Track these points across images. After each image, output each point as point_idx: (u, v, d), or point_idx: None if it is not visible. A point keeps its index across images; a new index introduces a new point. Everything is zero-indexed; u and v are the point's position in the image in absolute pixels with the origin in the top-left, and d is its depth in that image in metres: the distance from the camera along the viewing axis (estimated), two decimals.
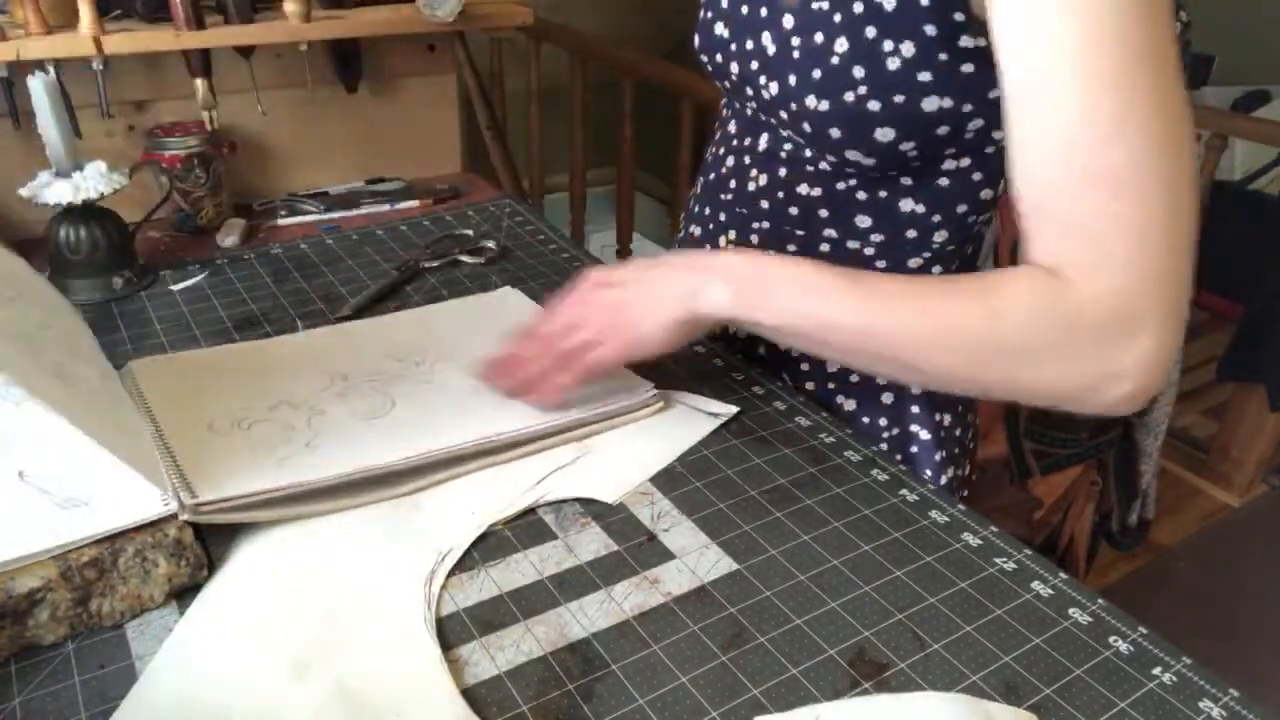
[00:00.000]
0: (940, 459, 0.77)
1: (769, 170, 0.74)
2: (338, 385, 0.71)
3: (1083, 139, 0.52)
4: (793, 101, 0.67)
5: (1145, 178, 0.52)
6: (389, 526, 0.59)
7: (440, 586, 0.55)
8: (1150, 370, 0.55)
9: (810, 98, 0.65)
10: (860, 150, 0.65)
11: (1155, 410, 0.96)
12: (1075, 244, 0.54)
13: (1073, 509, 0.90)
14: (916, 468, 0.77)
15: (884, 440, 0.77)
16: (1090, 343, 0.54)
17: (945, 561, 0.58)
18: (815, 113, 0.65)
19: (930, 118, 0.63)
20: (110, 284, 0.89)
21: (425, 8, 1.12)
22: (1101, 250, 0.53)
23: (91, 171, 0.89)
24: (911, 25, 0.61)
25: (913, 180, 0.69)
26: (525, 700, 0.48)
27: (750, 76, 0.71)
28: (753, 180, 0.75)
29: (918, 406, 0.76)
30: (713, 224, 0.80)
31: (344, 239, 1.03)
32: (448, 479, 0.63)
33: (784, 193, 0.73)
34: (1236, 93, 3.13)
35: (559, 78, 2.38)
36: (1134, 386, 0.55)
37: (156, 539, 0.53)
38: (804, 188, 0.72)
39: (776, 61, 0.68)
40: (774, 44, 0.68)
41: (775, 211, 0.74)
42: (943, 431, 0.77)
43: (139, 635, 0.51)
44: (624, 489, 0.63)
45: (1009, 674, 0.50)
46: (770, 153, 0.73)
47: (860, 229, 0.72)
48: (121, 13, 1.06)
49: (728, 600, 0.55)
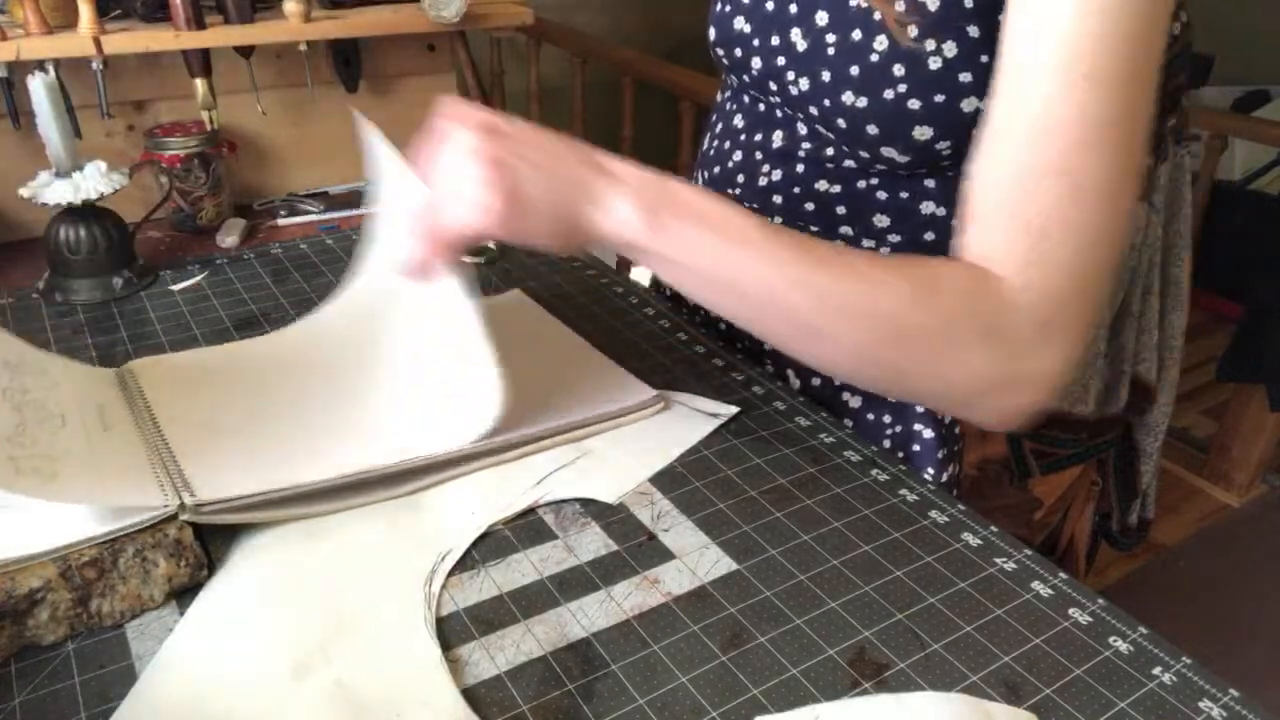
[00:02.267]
0: (942, 457, 0.77)
1: (784, 167, 0.74)
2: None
3: (1063, 133, 0.52)
4: (826, 98, 0.67)
5: (1105, 191, 0.52)
6: (389, 527, 0.59)
7: (440, 586, 0.55)
8: (1050, 383, 0.54)
9: (847, 94, 0.65)
10: (896, 148, 0.65)
11: (1155, 410, 0.96)
12: (1019, 238, 0.53)
13: (1073, 509, 0.90)
14: (918, 465, 0.77)
15: (887, 437, 0.77)
16: (1007, 341, 0.54)
17: (945, 561, 0.58)
18: (852, 109, 0.65)
19: (968, 118, 0.63)
20: (110, 284, 0.89)
21: (430, 8, 1.12)
22: (1042, 249, 0.53)
23: (91, 171, 0.89)
24: (954, 25, 0.61)
25: (935, 182, 0.69)
26: (525, 700, 0.48)
27: (775, 72, 0.71)
28: (764, 176, 0.75)
29: (921, 405, 0.76)
30: None
31: (344, 239, 1.03)
32: (447, 479, 0.63)
33: (800, 189, 0.73)
34: (1236, 93, 3.13)
35: (559, 78, 2.39)
36: (1031, 397, 0.55)
37: (156, 539, 0.53)
38: (822, 184, 0.72)
39: (808, 57, 0.68)
40: (805, 39, 0.68)
41: (790, 208, 0.74)
42: (944, 429, 0.77)
43: (139, 635, 0.51)
44: (624, 489, 0.63)
45: (1009, 674, 0.50)
46: (786, 150, 0.73)
47: (878, 229, 0.71)
48: (121, 13, 1.06)
49: (728, 600, 0.55)
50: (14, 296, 0.89)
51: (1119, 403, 0.92)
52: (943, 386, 0.57)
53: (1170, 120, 1.14)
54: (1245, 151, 2.89)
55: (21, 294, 0.90)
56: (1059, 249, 0.53)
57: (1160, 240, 1.19)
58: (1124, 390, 0.93)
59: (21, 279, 0.94)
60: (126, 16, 1.06)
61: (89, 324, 0.84)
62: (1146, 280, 1.17)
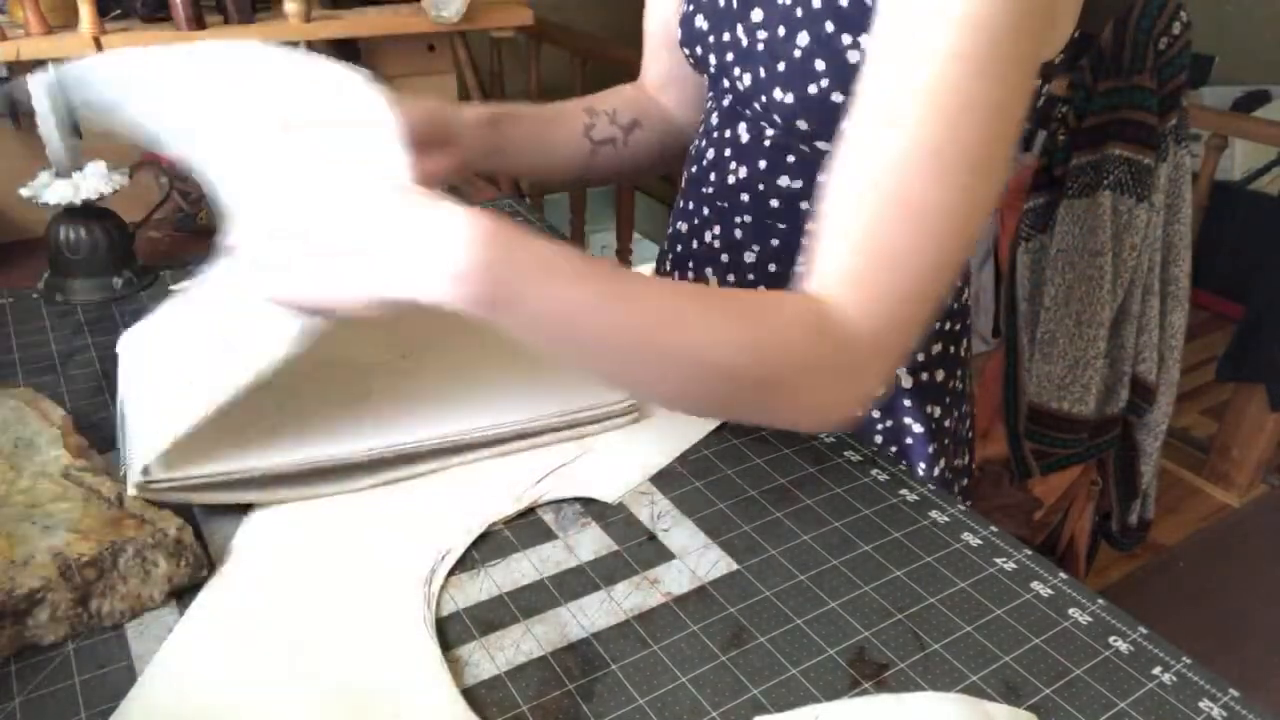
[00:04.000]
0: (933, 451, 0.77)
1: (748, 163, 0.74)
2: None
3: (914, 168, 0.51)
4: (763, 93, 0.67)
5: (947, 227, 0.52)
6: (388, 527, 0.59)
7: (440, 586, 0.55)
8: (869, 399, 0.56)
9: (776, 90, 0.66)
10: (828, 141, 0.66)
11: (1155, 410, 0.96)
12: (864, 264, 0.53)
13: (1073, 509, 0.90)
14: (911, 460, 0.77)
15: (879, 433, 0.77)
16: (843, 374, 0.54)
17: (945, 561, 0.58)
18: (782, 104, 0.66)
19: None
20: (110, 284, 0.89)
21: (431, 8, 1.12)
22: (885, 279, 0.53)
23: (91, 171, 0.89)
24: (865, 21, 0.60)
25: None
26: (525, 700, 0.48)
27: (726, 68, 0.72)
28: (732, 173, 0.75)
29: (909, 400, 0.76)
30: (697, 219, 0.80)
31: None
32: (416, 474, 0.63)
33: (764, 185, 0.73)
34: (1236, 93, 3.13)
35: (559, 78, 2.39)
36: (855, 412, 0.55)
37: (156, 539, 0.53)
38: (785, 180, 0.72)
39: (747, 52, 0.69)
40: (745, 36, 0.69)
41: (757, 204, 0.74)
42: (933, 424, 0.77)
43: (139, 635, 0.51)
44: (624, 489, 0.63)
45: (1009, 674, 0.50)
46: (751, 145, 0.73)
47: None
48: (121, 13, 1.06)
49: (728, 600, 0.55)
50: (14, 296, 0.89)
51: (1119, 403, 0.93)
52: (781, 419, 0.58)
53: (1170, 120, 1.15)
54: (1245, 151, 2.89)
55: (21, 294, 0.90)
56: (901, 281, 0.53)
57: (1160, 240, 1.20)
58: (1124, 390, 0.93)
59: (21, 279, 0.94)
60: (126, 16, 1.06)
61: (89, 324, 0.84)
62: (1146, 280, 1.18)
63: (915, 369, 0.77)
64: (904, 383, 0.76)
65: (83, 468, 0.58)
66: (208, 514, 0.60)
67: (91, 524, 0.53)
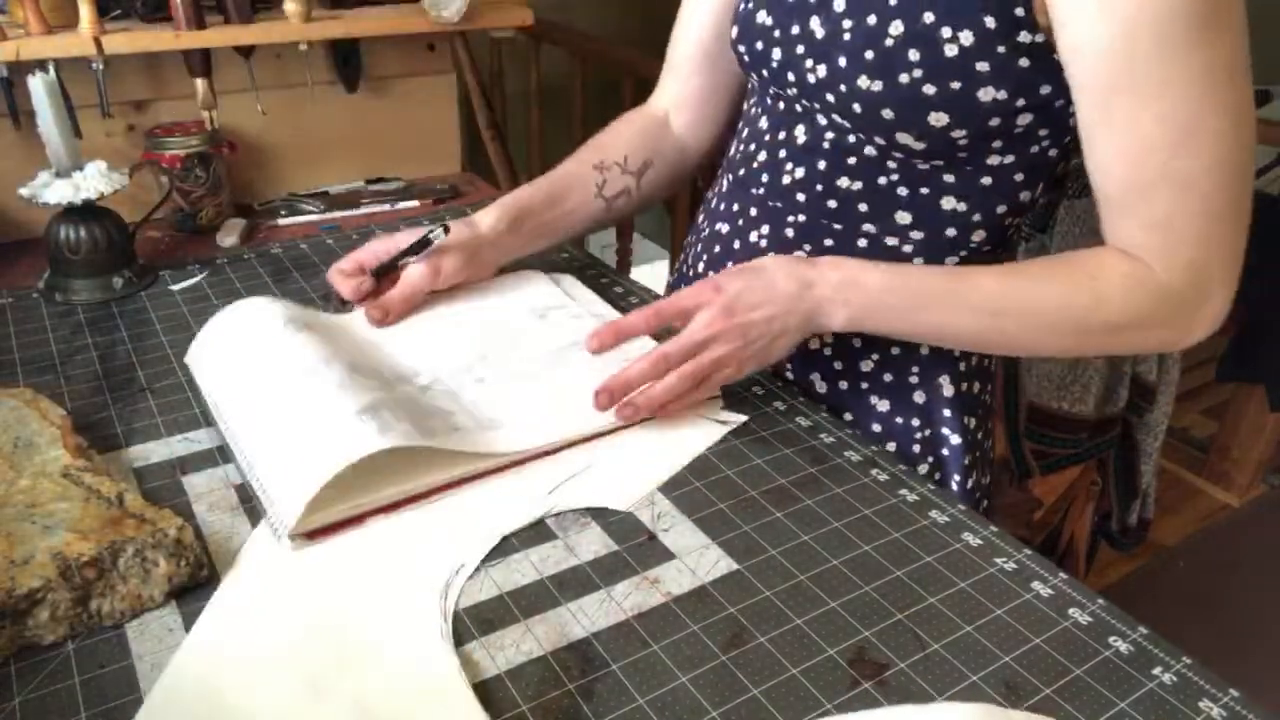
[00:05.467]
0: (968, 463, 0.76)
1: (806, 164, 0.74)
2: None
3: (1156, 145, 0.59)
4: (842, 83, 0.68)
5: (1212, 180, 0.60)
6: (403, 540, 0.59)
7: (456, 599, 0.54)
8: (1216, 321, 0.66)
9: (863, 78, 0.66)
10: (911, 133, 0.66)
11: (1155, 410, 0.96)
12: (1152, 235, 0.63)
13: (1073, 509, 0.90)
14: (947, 471, 0.77)
15: (916, 441, 0.76)
16: (1174, 313, 0.65)
17: (945, 561, 0.58)
18: (868, 93, 0.66)
19: (985, 108, 0.64)
20: (110, 284, 0.89)
21: (431, 8, 1.12)
22: (1174, 238, 0.62)
23: (91, 171, 0.89)
24: (970, 15, 0.62)
25: (955, 177, 0.69)
26: (525, 700, 0.48)
27: (793, 61, 0.72)
28: (787, 174, 0.75)
29: (949, 409, 0.76)
30: (743, 219, 0.80)
31: (344, 239, 1.03)
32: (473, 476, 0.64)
33: (822, 186, 0.73)
34: None
35: (559, 78, 2.38)
36: (1205, 333, 0.67)
37: (156, 539, 0.53)
38: (844, 181, 0.72)
39: (825, 44, 0.69)
40: (823, 27, 0.69)
41: (812, 205, 0.74)
42: (969, 435, 0.77)
43: (139, 635, 0.51)
44: (635, 497, 0.63)
45: (1009, 674, 0.50)
46: (809, 146, 0.74)
47: (899, 225, 0.72)
48: (121, 13, 1.06)
49: (728, 600, 0.55)
50: (14, 296, 0.89)
51: (1119, 403, 0.93)
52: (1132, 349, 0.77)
53: None
54: None
55: (21, 294, 0.90)
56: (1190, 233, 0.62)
57: None
58: (1124, 390, 0.93)
59: (21, 279, 0.94)
60: (126, 16, 1.06)
61: (89, 324, 0.84)
62: None
63: (957, 378, 0.76)
64: (945, 391, 0.76)
65: (83, 468, 0.58)
66: (208, 514, 0.60)
67: (91, 524, 0.53)
